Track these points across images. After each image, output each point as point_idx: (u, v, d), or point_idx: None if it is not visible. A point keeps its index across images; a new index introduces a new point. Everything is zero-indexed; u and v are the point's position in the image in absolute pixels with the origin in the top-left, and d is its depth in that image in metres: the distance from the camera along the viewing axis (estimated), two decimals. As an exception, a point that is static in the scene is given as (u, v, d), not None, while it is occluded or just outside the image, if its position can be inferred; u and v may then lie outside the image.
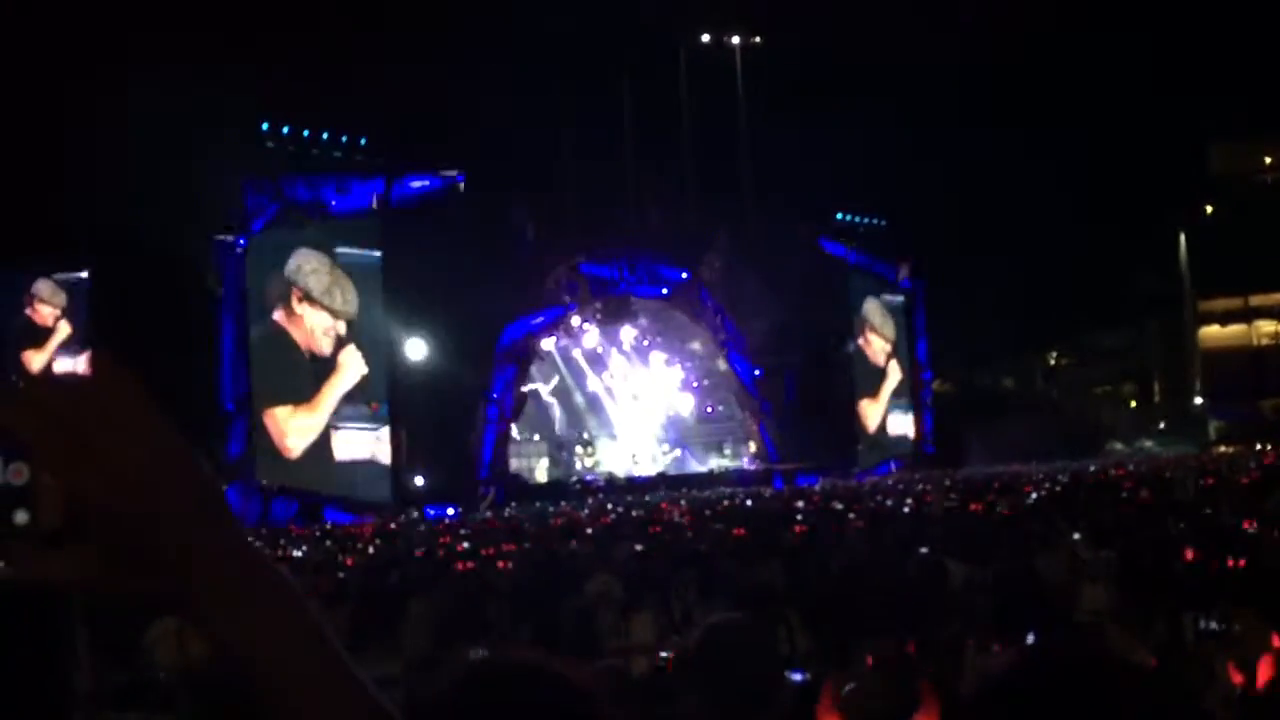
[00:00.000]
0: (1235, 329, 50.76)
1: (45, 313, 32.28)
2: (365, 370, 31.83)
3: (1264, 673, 3.45)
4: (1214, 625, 3.79)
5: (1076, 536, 8.30)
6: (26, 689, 1.53)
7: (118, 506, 0.81)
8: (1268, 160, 50.62)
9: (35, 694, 1.54)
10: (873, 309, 45.45)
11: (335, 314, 31.73)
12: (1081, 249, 43.66)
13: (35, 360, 31.74)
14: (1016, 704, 1.13)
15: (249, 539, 0.87)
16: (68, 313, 32.03)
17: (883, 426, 45.08)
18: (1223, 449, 40.14)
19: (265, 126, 30.61)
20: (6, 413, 0.81)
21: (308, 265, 31.46)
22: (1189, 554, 5.96)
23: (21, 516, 0.81)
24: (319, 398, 31.26)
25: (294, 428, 30.77)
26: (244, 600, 0.84)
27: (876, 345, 45.29)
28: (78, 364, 31.27)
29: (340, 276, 31.89)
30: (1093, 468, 28.07)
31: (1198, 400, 49.56)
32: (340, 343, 31.74)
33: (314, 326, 31.45)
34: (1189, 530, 8.05)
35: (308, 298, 31.30)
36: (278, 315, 31.03)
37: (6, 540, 0.80)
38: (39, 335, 32.16)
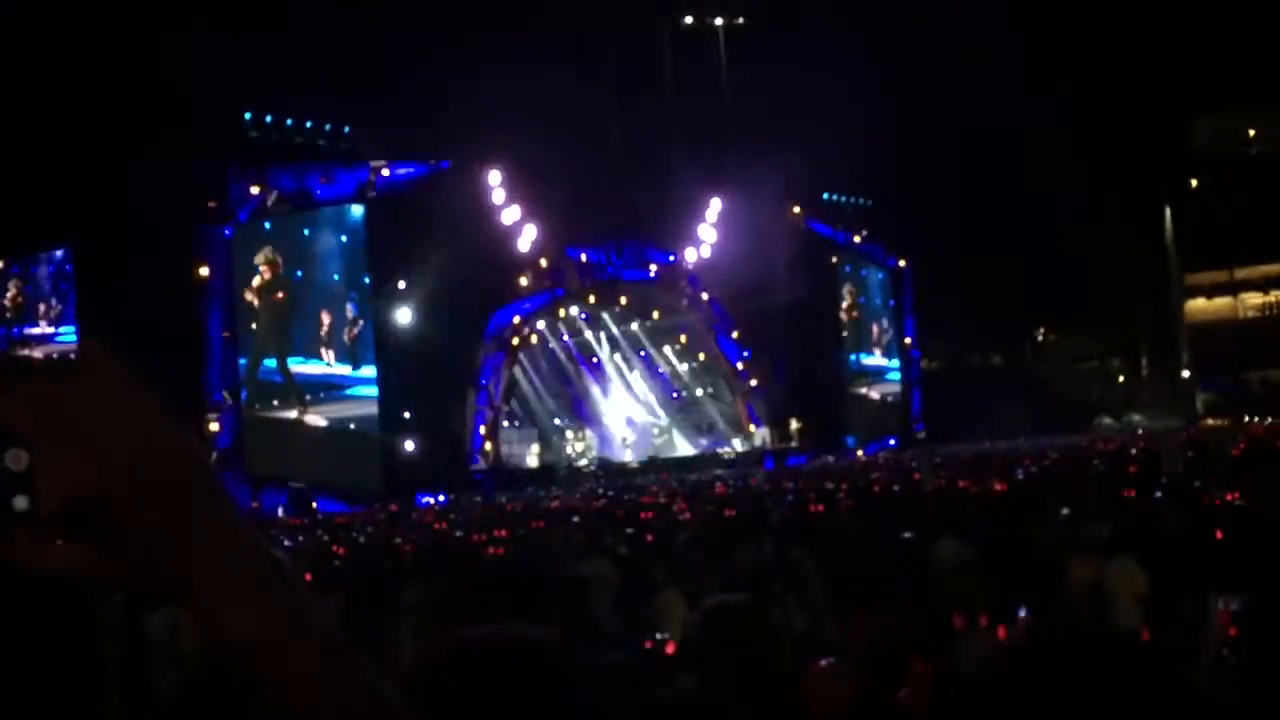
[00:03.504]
0: (1221, 302, 50.88)
1: (23, 296, 32.08)
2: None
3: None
4: (1234, 606, 3.76)
5: (1065, 511, 8.32)
6: (49, 685, 1.49)
7: (113, 491, 0.81)
8: (1252, 133, 50.58)
9: (60, 693, 1.49)
10: (858, 288, 45.55)
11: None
12: (1067, 224, 43.63)
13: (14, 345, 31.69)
14: (1024, 683, 1.14)
15: (248, 524, 0.87)
16: (49, 296, 31.84)
17: (872, 405, 45.22)
18: (1210, 422, 40.26)
19: (249, 116, 30.46)
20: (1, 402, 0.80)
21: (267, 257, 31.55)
22: (1174, 527, 6.02)
23: (21, 503, 0.80)
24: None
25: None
26: (242, 586, 0.83)
27: (863, 323, 45.46)
28: (60, 347, 31.19)
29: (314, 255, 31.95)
30: (1083, 443, 28.16)
31: (1185, 374, 49.68)
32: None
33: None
34: (1177, 503, 8.11)
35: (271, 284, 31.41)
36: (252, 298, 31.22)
37: (6, 528, 0.78)
38: (20, 317, 32.00)
